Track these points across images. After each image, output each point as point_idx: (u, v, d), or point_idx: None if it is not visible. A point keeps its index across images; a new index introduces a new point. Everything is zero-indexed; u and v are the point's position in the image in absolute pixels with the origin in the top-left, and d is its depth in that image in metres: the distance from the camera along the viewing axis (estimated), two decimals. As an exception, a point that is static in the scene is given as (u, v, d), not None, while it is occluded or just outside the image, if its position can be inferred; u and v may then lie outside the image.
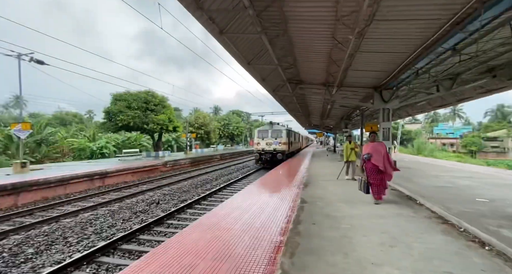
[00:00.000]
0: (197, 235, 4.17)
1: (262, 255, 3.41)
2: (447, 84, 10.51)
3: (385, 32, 6.82)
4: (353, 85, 12.27)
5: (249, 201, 6.46)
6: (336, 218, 4.99)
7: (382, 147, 6.06)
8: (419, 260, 3.23)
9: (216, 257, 3.36)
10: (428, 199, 6.25)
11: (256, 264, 3.17)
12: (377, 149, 6.04)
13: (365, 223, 4.68)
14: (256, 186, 8.69)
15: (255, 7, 6.13)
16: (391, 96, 11.64)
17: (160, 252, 3.54)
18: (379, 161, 5.93)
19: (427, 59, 8.28)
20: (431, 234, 4.18)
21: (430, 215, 5.23)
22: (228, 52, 8.71)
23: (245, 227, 4.54)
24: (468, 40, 6.81)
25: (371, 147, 6.14)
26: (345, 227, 4.49)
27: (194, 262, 3.23)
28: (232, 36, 7.73)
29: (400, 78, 10.28)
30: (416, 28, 6.47)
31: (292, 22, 6.86)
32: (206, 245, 3.74)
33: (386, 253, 3.45)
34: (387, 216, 5.11)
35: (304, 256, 3.37)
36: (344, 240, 3.91)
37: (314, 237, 4.03)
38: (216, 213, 5.44)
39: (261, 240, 3.94)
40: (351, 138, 10.29)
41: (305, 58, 9.63)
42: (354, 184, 8.49)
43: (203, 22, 6.62)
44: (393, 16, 5.99)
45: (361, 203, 6.13)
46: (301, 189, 7.87)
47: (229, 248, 3.65)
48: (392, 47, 7.74)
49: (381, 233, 4.19)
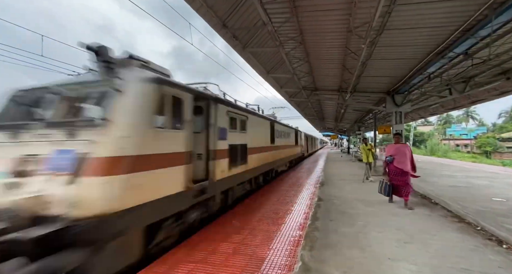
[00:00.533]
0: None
1: (282, 248, 3.43)
2: (460, 87, 9.84)
3: (396, 40, 6.61)
4: (366, 90, 11.91)
5: (270, 198, 6.47)
6: (352, 215, 4.86)
7: (407, 149, 5.49)
8: (435, 257, 3.07)
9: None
10: (444, 198, 5.89)
11: (277, 256, 3.19)
12: (401, 150, 5.47)
13: (380, 221, 4.52)
14: (274, 185, 8.69)
15: (273, 23, 6.24)
16: (403, 100, 11.13)
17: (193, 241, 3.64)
18: (403, 163, 5.35)
19: (438, 64, 7.84)
20: (447, 232, 3.94)
21: (446, 214, 4.93)
22: (249, 64, 8.88)
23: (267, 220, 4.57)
24: (480, 45, 6.38)
25: (395, 149, 5.57)
26: (361, 224, 4.38)
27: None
28: (253, 50, 7.89)
29: (412, 82, 9.81)
30: (426, 35, 6.20)
31: (307, 35, 6.87)
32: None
33: (402, 249, 3.32)
34: (402, 214, 4.90)
35: (322, 249, 3.34)
36: (360, 236, 3.81)
37: (331, 232, 3.97)
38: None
39: (281, 233, 3.95)
40: (367, 140, 9.82)
41: (319, 66, 9.54)
42: (371, 184, 8.21)
43: (228, 39, 6.83)
44: (404, 25, 5.80)
45: (376, 202, 5.92)
46: (318, 188, 7.75)
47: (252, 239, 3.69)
48: (403, 54, 7.46)
49: (397, 230, 4.03)
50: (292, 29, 6.59)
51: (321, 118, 27.95)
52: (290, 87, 12.91)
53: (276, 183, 9.00)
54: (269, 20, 5.98)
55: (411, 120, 23.36)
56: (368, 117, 21.59)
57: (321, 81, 11.53)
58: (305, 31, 6.65)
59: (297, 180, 9.53)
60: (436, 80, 9.35)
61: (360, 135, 23.53)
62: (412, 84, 10.11)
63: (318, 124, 35.46)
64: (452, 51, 6.82)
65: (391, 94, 11.24)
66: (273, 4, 5.47)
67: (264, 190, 7.61)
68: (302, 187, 7.93)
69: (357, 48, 6.84)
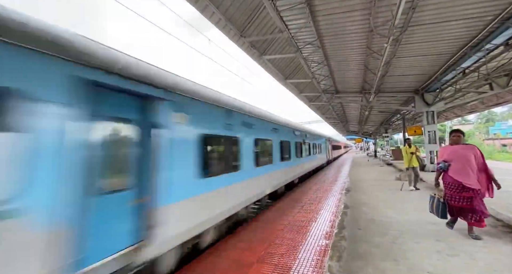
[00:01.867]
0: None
1: (309, 257, 3.29)
2: (502, 81, 8.89)
3: (422, 36, 6.23)
4: (391, 91, 11.31)
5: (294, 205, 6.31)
6: (383, 224, 4.53)
7: (471, 152, 3.66)
8: (486, 272, 2.72)
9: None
10: (492, 205, 5.23)
11: (303, 266, 3.07)
12: (461, 154, 3.69)
13: (416, 229, 4.14)
14: (299, 192, 8.48)
15: (290, 30, 6.26)
16: (434, 98, 10.35)
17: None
18: (463, 173, 3.62)
19: (475, 58, 7.19)
20: (498, 244, 3.48)
21: (496, 224, 4.36)
22: (267, 71, 8.96)
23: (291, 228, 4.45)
24: (524, 33, 5.75)
25: (450, 152, 3.82)
26: (394, 233, 4.05)
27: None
28: (270, 58, 7.97)
29: (444, 79, 9.10)
30: (458, 28, 5.76)
31: (326, 38, 6.77)
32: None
33: (444, 262, 2.99)
34: (441, 223, 4.43)
35: (352, 260, 3.14)
36: (394, 246, 3.51)
37: (361, 242, 3.73)
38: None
39: (307, 242, 3.81)
40: (410, 141, 8.11)
41: (340, 69, 9.31)
42: (405, 191, 7.64)
43: (245, 49, 6.99)
44: (431, 20, 5.46)
45: (410, 209, 5.46)
46: (343, 195, 7.39)
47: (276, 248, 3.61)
48: (432, 50, 7.00)
49: (436, 240, 3.65)
50: (310, 34, 6.55)
51: (344, 122, 26.99)
52: (310, 91, 12.72)
53: (299, 189, 8.78)
54: (285, 27, 6.02)
55: (445, 119, 21.55)
56: (396, 118, 20.35)
57: (342, 83, 11.20)
58: (323, 35, 6.57)
59: (321, 186, 9.20)
60: (473, 75, 8.57)
61: (387, 138, 22.14)
62: (444, 81, 9.38)
63: (341, 127, 34.26)
64: (490, 43, 6.23)
65: (420, 93, 10.52)
66: (289, 11, 5.51)
67: (287, 197, 7.45)
68: (327, 193, 7.63)
69: (379, 47, 6.57)
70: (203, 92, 3.59)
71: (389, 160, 18.73)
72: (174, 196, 2.82)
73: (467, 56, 7.01)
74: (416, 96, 10.71)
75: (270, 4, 5.01)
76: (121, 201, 2.35)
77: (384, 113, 18.22)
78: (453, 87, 9.80)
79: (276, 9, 5.35)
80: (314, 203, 6.46)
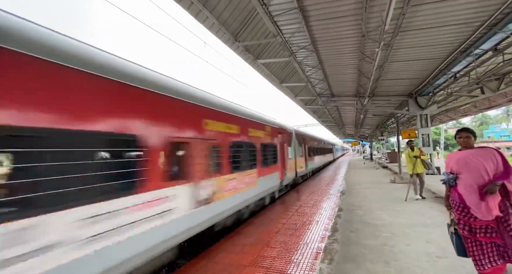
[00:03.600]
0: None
1: (301, 260, 3.30)
2: (493, 85, 9.11)
3: (413, 41, 6.38)
4: (385, 94, 11.48)
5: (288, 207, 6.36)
6: (376, 226, 4.56)
7: (489, 159, 2.36)
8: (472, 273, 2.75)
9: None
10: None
11: (295, 269, 3.08)
12: (473, 164, 2.40)
13: (408, 232, 4.18)
14: (295, 194, 8.49)
15: (284, 34, 6.35)
16: (427, 102, 10.53)
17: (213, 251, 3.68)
18: (473, 194, 2.36)
19: (464, 62, 7.36)
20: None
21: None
22: (262, 75, 9.04)
23: (285, 231, 4.47)
24: (511, 39, 5.92)
25: (458, 160, 2.52)
26: (386, 235, 4.08)
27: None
28: (265, 62, 8.06)
29: (436, 83, 9.28)
30: (448, 34, 5.92)
31: (319, 43, 6.89)
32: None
33: (433, 264, 3.03)
34: (433, 225, 4.49)
35: (343, 263, 3.16)
36: (385, 248, 3.54)
37: (353, 244, 3.75)
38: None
39: (300, 245, 3.82)
40: (413, 143, 6.81)
41: (334, 73, 9.44)
42: (399, 191, 7.70)
43: (239, 53, 7.07)
44: (421, 25, 5.61)
45: (403, 212, 5.51)
46: (338, 197, 7.43)
47: (270, 251, 3.63)
48: (423, 55, 7.16)
49: (427, 242, 3.69)
50: (303, 38, 6.65)
51: (340, 125, 27.21)
52: (305, 95, 12.84)
53: (295, 190, 8.81)
54: (279, 32, 6.11)
55: (440, 122, 21.87)
56: (391, 121, 20.59)
57: (337, 87, 11.35)
58: (316, 39, 6.68)
59: (317, 189, 9.24)
60: (464, 79, 8.76)
61: (383, 141, 22.38)
62: (436, 85, 9.56)
63: (337, 131, 34.49)
64: (479, 48, 6.40)
65: (414, 97, 10.70)
66: (282, 16, 5.60)
67: (284, 199, 7.48)
68: (322, 196, 7.66)
69: (372, 51, 6.70)
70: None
71: (385, 163, 18.89)
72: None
73: (457, 61, 7.19)
74: (409, 100, 10.88)
75: (263, 9, 5.10)
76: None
77: (379, 116, 18.43)
78: (445, 91, 9.99)
79: (269, 14, 5.44)
80: (309, 206, 6.48)
